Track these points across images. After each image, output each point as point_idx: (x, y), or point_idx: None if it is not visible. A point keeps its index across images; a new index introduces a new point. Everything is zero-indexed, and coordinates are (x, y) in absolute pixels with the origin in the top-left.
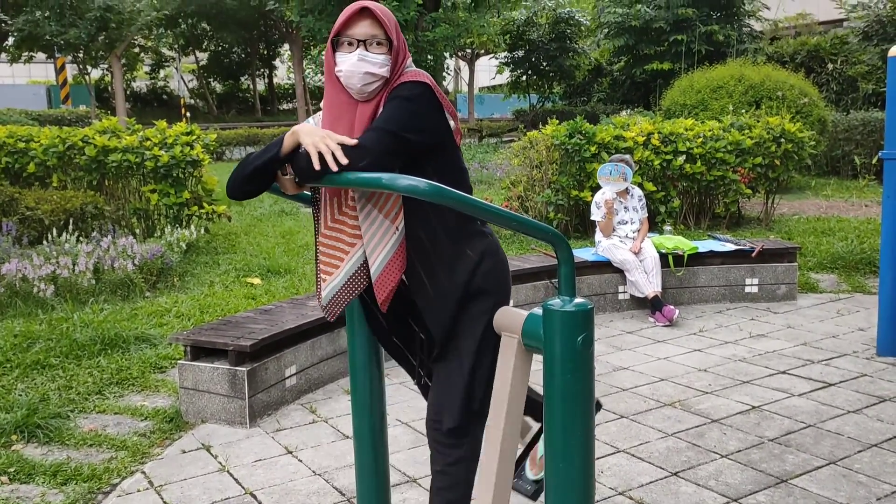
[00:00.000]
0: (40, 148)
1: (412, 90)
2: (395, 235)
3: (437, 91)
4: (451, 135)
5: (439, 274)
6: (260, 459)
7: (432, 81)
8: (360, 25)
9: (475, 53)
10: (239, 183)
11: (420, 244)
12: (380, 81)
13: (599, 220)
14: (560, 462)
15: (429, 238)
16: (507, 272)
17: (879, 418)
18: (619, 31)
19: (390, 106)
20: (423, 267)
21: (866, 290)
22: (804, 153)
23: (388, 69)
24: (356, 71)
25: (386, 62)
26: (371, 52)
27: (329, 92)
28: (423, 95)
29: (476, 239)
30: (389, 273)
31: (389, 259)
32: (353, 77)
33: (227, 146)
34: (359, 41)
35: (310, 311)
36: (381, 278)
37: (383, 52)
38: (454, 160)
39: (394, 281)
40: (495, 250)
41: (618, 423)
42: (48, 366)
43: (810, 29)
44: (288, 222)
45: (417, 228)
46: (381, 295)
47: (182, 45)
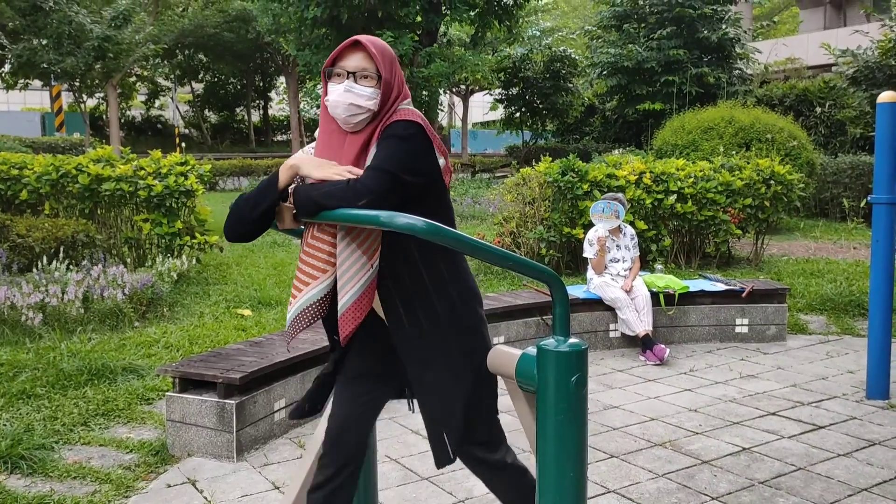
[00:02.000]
0: (33, 175)
1: (407, 129)
2: (370, 272)
3: (429, 131)
4: (440, 174)
5: (418, 312)
6: (246, 495)
7: (425, 121)
8: (352, 58)
9: (469, 89)
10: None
11: (401, 282)
12: (366, 114)
13: (592, 258)
14: (552, 503)
15: (410, 276)
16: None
17: (869, 462)
18: (612, 70)
19: (386, 145)
20: (402, 304)
21: (855, 332)
22: (793, 195)
23: (376, 103)
24: (341, 101)
25: (374, 95)
26: (360, 84)
27: (322, 121)
28: (417, 136)
29: (459, 277)
30: (357, 309)
31: (360, 296)
32: (338, 107)
33: (221, 176)
34: (349, 73)
35: (300, 344)
36: (347, 313)
37: (372, 86)
38: (445, 199)
39: (357, 321)
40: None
41: (608, 463)
42: (34, 395)
43: (799, 73)
44: (280, 254)
45: (400, 266)
46: (346, 330)
47: (178, 75)
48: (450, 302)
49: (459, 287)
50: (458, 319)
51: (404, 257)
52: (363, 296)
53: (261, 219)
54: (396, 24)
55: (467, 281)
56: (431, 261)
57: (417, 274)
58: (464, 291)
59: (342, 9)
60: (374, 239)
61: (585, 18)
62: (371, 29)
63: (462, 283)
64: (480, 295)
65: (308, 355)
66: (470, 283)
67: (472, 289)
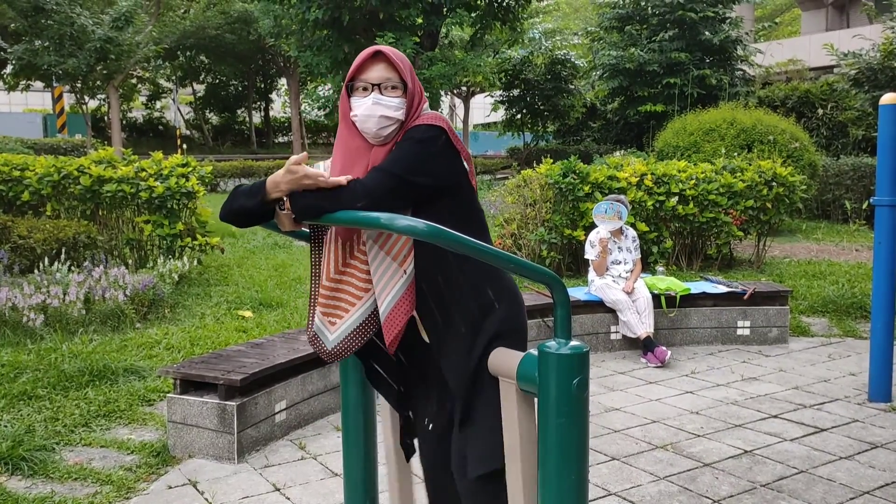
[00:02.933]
0: (35, 177)
1: (426, 133)
2: (403, 278)
3: (452, 134)
4: (466, 177)
5: (455, 317)
6: (247, 496)
7: (448, 125)
8: (375, 69)
9: (470, 91)
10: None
11: (436, 287)
12: (395, 125)
13: (593, 259)
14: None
15: (445, 280)
16: (525, 315)
17: (871, 465)
18: (614, 72)
19: (400, 147)
20: (438, 310)
21: (857, 334)
22: (795, 197)
23: (404, 112)
24: (371, 115)
25: (401, 105)
26: (386, 95)
27: (343, 136)
28: (436, 139)
29: (495, 282)
30: (396, 315)
31: (396, 302)
32: (368, 121)
33: (222, 178)
34: (373, 85)
35: (301, 345)
36: (388, 320)
37: (398, 96)
38: (470, 201)
39: (401, 323)
40: (513, 293)
41: (609, 466)
42: (35, 397)
43: (801, 75)
44: (281, 255)
45: (434, 270)
46: (389, 336)
47: (180, 76)
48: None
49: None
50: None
51: (439, 260)
52: (401, 301)
53: (246, 218)
54: (398, 25)
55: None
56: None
57: (450, 278)
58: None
59: (343, 10)
60: (402, 244)
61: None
62: (372, 31)
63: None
64: (521, 298)
65: (309, 357)
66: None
67: (512, 294)
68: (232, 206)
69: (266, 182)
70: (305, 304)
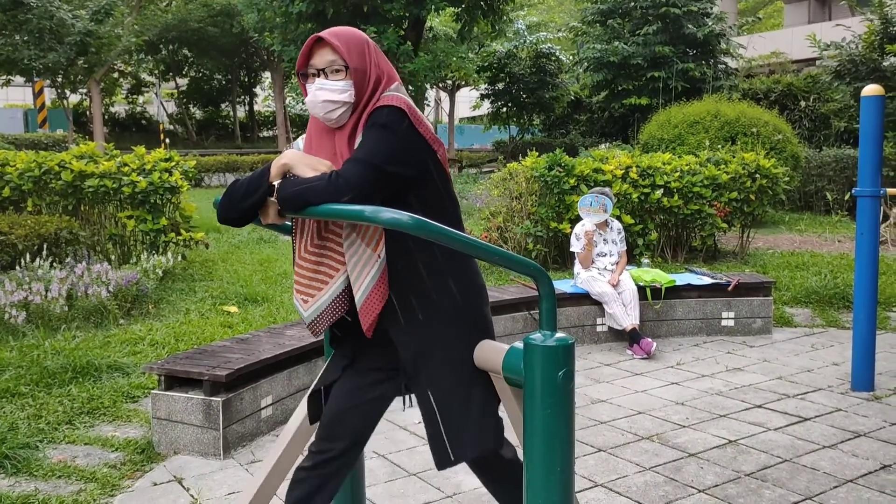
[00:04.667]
0: (15, 172)
1: (389, 117)
2: (378, 262)
3: (415, 117)
4: (435, 163)
5: (414, 305)
6: (233, 492)
7: (410, 106)
8: (319, 55)
9: (455, 85)
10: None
11: (396, 274)
12: (343, 107)
13: (579, 252)
14: (540, 498)
15: (406, 268)
16: (485, 305)
17: (855, 454)
18: (598, 66)
19: (370, 135)
20: (396, 297)
21: (840, 324)
22: (778, 188)
23: (351, 94)
24: (315, 101)
25: (347, 87)
26: (330, 79)
27: (311, 119)
28: (399, 122)
29: (456, 272)
30: (373, 300)
31: (373, 286)
32: (315, 107)
33: (207, 172)
34: (319, 70)
35: (287, 340)
36: (365, 305)
37: (342, 78)
38: (441, 190)
39: (377, 308)
40: (474, 283)
41: (595, 457)
42: (18, 394)
43: (784, 67)
44: (266, 250)
45: (395, 258)
46: (366, 322)
47: (162, 70)
48: (450, 296)
49: (463, 282)
50: (459, 314)
51: (398, 249)
52: (377, 286)
53: (249, 210)
54: (382, 18)
55: (472, 276)
56: (430, 253)
57: (413, 266)
58: (468, 287)
59: (327, 4)
60: (374, 229)
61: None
62: (357, 23)
63: (466, 279)
64: (486, 292)
65: (294, 352)
66: (475, 278)
67: (476, 284)
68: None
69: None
70: (291, 299)
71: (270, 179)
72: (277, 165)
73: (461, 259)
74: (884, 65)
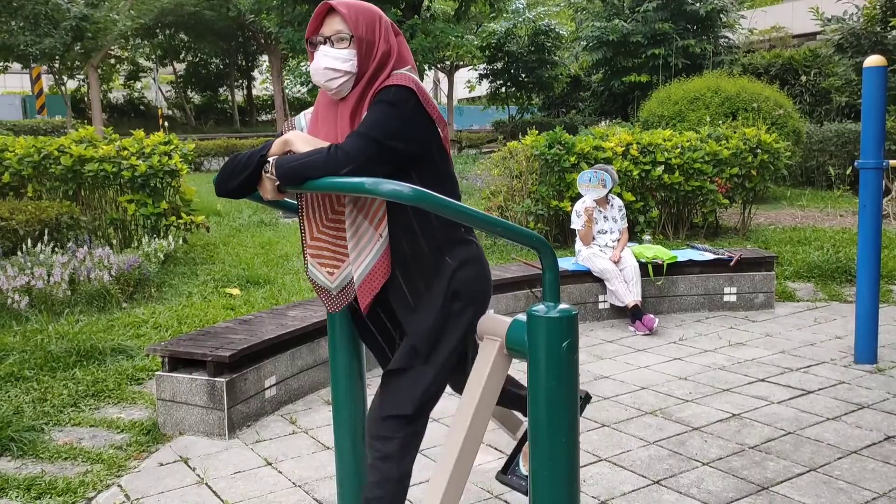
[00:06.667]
0: (15, 157)
1: (396, 95)
2: (380, 242)
3: (423, 98)
4: (438, 143)
5: (417, 280)
6: (239, 471)
7: (420, 87)
8: (327, 23)
9: (454, 65)
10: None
11: (400, 250)
12: (344, 77)
13: (579, 229)
14: (545, 469)
15: (409, 244)
16: (488, 282)
17: (858, 425)
18: (598, 44)
19: (374, 110)
20: (401, 273)
21: (842, 298)
22: (780, 163)
23: (353, 64)
24: (318, 67)
25: (350, 56)
26: (335, 47)
27: (320, 93)
28: (407, 101)
29: (458, 247)
30: (373, 279)
31: (374, 265)
32: (316, 74)
33: (206, 157)
34: (326, 38)
35: (290, 321)
36: (364, 283)
37: (345, 48)
38: (441, 168)
39: (377, 286)
40: (477, 259)
41: (599, 432)
42: (22, 378)
43: (784, 42)
44: (267, 233)
45: (399, 234)
46: (365, 300)
47: (160, 55)
48: (449, 271)
49: (463, 255)
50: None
51: (404, 225)
52: (378, 265)
53: (246, 182)
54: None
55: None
56: (431, 230)
57: (414, 243)
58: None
59: None
60: (378, 208)
61: None
62: None
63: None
64: (486, 265)
65: (297, 332)
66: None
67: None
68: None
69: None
70: (293, 281)
71: (269, 155)
72: (279, 142)
73: (463, 234)
74: (887, 38)
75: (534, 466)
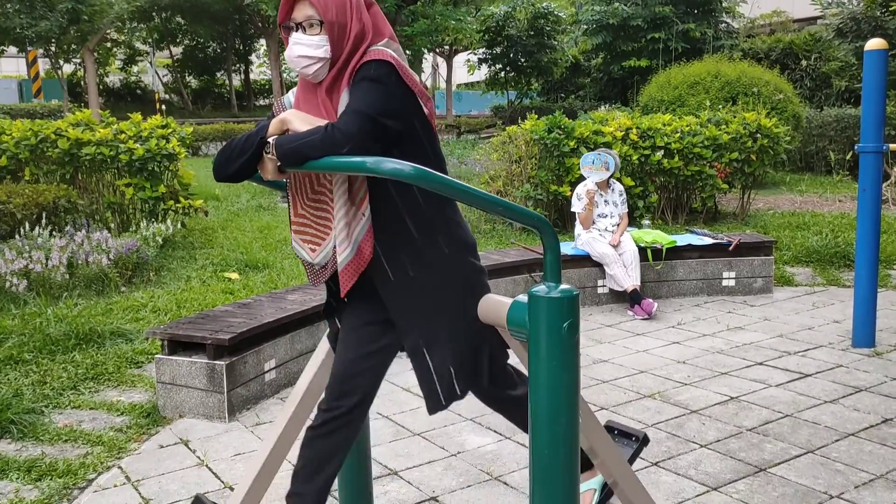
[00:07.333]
0: (12, 141)
1: (378, 70)
2: (363, 220)
3: (403, 71)
4: (422, 119)
5: (405, 264)
6: (239, 454)
7: (398, 61)
8: (298, 8)
9: (453, 50)
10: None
11: (385, 231)
12: (319, 63)
13: (580, 212)
14: (545, 449)
15: (394, 226)
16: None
17: (856, 408)
18: (597, 28)
19: (358, 88)
20: (386, 256)
21: (840, 283)
22: (780, 148)
23: (327, 49)
24: (291, 55)
25: (322, 42)
26: (307, 34)
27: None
28: (388, 75)
29: (444, 229)
30: (356, 262)
31: (358, 247)
32: (291, 61)
33: (203, 141)
34: (298, 24)
35: (289, 304)
36: (348, 267)
37: (317, 33)
38: (426, 146)
39: (359, 269)
40: (464, 240)
41: (598, 415)
42: (21, 361)
43: (785, 26)
44: (265, 217)
45: (382, 215)
46: (346, 284)
47: (156, 39)
48: (438, 251)
49: (450, 237)
50: (449, 268)
51: (385, 206)
52: (362, 246)
53: (246, 165)
54: None
55: (458, 231)
56: (416, 210)
57: (401, 223)
58: (455, 241)
59: None
60: (359, 186)
61: None
62: None
63: (453, 233)
64: (475, 244)
65: (296, 316)
66: (461, 232)
67: (463, 238)
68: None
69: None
70: (292, 265)
71: (267, 135)
72: (276, 122)
73: (448, 215)
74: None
75: (534, 447)
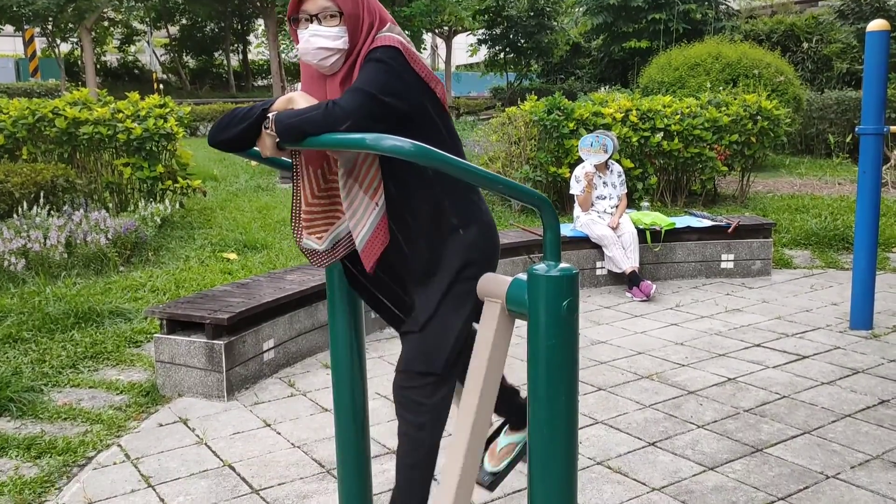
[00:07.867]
0: (9, 120)
1: (385, 53)
2: (376, 211)
3: (409, 56)
4: (433, 101)
5: (421, 244)
6: (238, 432)
7: (405, 45)
8: (311, 1)
9: (452, 31)
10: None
11: (401, 214)
12: (337, 55)
13: (578, 194)
14: (544, 428)
15: (412, 207)
16: (495, 240)
17: (853, 389)
18: (598, 9)
19: (365, 69)
20: (403, 237)
21: (839, 265)
22: (780, 130)
23: (345, 41)
24: (309, 48)
25: (341, 34)
26: (324, 25)
27: (302, 67)
28: (395, 59)
29: (461, 208)
30: (373, 246)
31: (371, 234)
32: (307, 54)
33: (201, 121)
34: (312, 16)
35: (287, 284)
36: (365, 250)
37: (336, 24)
38: (441, 129)
39: (377, 252)
40: (482, 218)
41: (596, 396)
42: (20, 339)
43: (786, 8)
44: (264, 197)
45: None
46: (369, 263)
47: (153, 18)
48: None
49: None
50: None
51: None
52: (375, 233)
53: (242, 133)
54: None
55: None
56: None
57: (417, 206)
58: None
59: None
60: (373, 175)
61: None
62: None
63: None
64: (496, 231)
65: (295, 296)
66: (484, 217)
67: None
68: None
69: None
70: (290, 246)
71: (271, 110)
72: (282, 99)
73: (470, 198)
74: (888, 3)
75: (532, 425)
